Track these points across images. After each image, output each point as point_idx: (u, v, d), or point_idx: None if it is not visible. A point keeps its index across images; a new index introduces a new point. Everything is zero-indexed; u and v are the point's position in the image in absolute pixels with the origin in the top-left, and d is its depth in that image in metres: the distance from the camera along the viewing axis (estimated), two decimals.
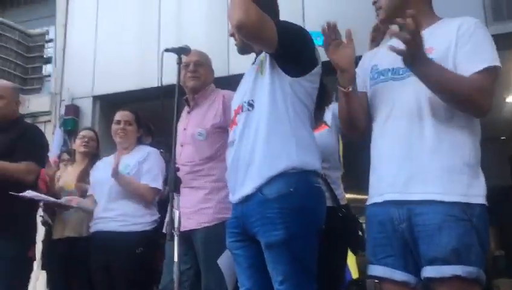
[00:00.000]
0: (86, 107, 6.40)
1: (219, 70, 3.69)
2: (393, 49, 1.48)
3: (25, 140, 2.89)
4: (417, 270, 1.56)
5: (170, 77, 2.14)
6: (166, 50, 2.13)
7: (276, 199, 1.75)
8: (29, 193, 2.82)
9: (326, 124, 2.56)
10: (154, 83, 6.09)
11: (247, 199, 1.82)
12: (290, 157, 1.78)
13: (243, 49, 2.06)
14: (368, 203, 1.71)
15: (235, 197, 1.90)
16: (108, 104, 6.50)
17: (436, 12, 1.77)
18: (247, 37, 1.84)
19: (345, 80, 1.70)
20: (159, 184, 3.04)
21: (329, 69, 1.86)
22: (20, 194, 2.77)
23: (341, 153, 3.32)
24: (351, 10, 4.98)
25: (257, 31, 1.77)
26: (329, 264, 2.09)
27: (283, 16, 2.06)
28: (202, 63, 2.64)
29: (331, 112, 2.57)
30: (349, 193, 3.69)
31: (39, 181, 3.14)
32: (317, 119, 2.21)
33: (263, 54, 1.92)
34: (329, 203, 2.22)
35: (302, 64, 1.87)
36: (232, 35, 2.06)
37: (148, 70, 6.15)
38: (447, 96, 1.56)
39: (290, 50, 1.82)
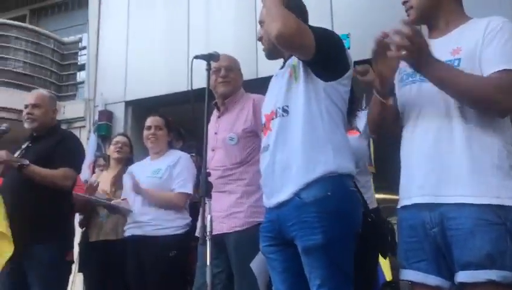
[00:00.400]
0: (119, 112, 6.55)
1: (248, 73, 3.71)
2: (394, 55, 1.48)
3: (63, 147, 2.98)
4: (450, 274, 1.54)
5: (200, 81, 2.17)
6: (196, 57, 2.15)
7: (314, 202, 1.75)
8: (84, 195, 2.92)
9: (357, 130, 2.55)
10: (184, 87, 6.17)
11: (283, 203, 1.83)
12: (327, 162, 1.79)
13: (271, 55, 2.07)
14: (398, 206, 1.71)
15: (271, 202, 1.91)
16: (140, 108, 6.63)
17: (466, 12, 1.75)
18: (286, 48, 1.85)
19: (384, 90, 1.69)
20: (188, 189, 3.08)
21: None
22: (79, 193, 2.85)
23: (372, 155, 3.31)
24: (378, 9, 4.95)
25: (296, 41, 1.77)
26: (361, 268, 2.08)
27: (311, 14, 2.07)
28: (232, 68, 2.66)
29: (363, 120, 2.56)
30: (381, 193, 3.68)
31: (76, 187, 3.23)
32: (348, 123, 2.21)
33: (294, 59, 1.92)
34: None
35: (336, 69, 1.87)
36: (260, 39, 2.07)
37: (178, 74, 6.24)
38: (462, 97, 1.54)
39: (326, 57, 1.82)
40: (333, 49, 1.86)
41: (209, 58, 2.20)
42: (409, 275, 1.63)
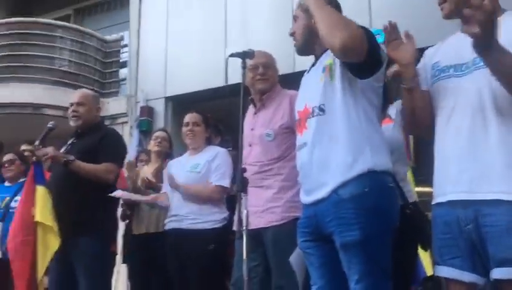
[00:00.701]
0: (159, 107, 6.71)
1: (285, 67, 3.72)
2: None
3: (105, 143, 3.10)
4: (485, 271, 1.54)
5: (236, 76, 2.20)
6: (231, 55, 2.20)
7: (351, 199, 1.77)
8: (118, 193, 3.05)
9: (390, 118, 2.53)
10: (222, 83, 6.25)
11: (321, 200, 1.86)
12: (365, 160, 1.81)
13: (302, 51, 2.09)
14: (432, 202, 1.70)
15: (308, 198, 1.94)
16: (179, 104, 6.77)
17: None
18: (348, 58, 1.82)
19: (407, 77, 1.70)
20: (226, 182, 3.14)
21: None
22: (112, 193, 3.01)
23: (412, 147, 3.26)
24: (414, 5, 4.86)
25: (359, 50, 1.77)
26: (399, 262, 2.08)
27: (349, 8, 2.06)
28: (270, 65, 2.68)
29: (395, 108, 2.53)
30: (420, 186, 3.63)
31: (119, 180, 3.36)
32: (381, 113, 2.19)
33: (328, 58, 1.92)
34: None
35: (372, 66, 1.87)
36: (292, 34, 2.08)
37: (216, 70, 6.31)
38: None
39: (373, 58, 1.83)
40: (374, 49, 1.85)
41: (244, 56, 2.24)
42: (444, 271, 1.63)
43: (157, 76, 6.76)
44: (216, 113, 5.28)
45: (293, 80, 2.68)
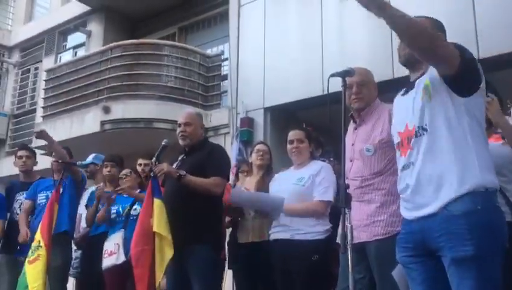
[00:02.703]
0: (259, 118, 6.93)
1: (383, 75, 3.70)
2: None
3: (213, 158, 3.36)
4: None
5: (333, 85, 2.24)
6: (332, 75, 2.25)
7: (463, 215, 1.79)
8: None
9: (500, 135, 2.44)
10: (318, 92, 6.32)
11: (430, 215, 1.89)
12: (475, 177, 1.83)
13: (407, 64, 2.12)
14: None
15: (413, 214, 1.96)
16: (277, 113, 6.94)
17: None
18: (427, 58, 1.90)
19: None
20: (330, 197, 3.22)
21: None
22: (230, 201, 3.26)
23: None
24: None
25: (439, 51, 1.85)
26: (509, 285, 2.01)
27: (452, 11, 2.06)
28: (365, 83, 2.70)
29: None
30: None
31: (225, 192, 3.57)
32: (487, 129, 2.15)
33: (426, 78, 1.96)
34: (508, 218, 2.15)
35: (473, 83, 1.88)
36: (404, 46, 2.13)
37: (313, 80, 6.40)
38: None
39: (469, 70, 1.85)
40: (472, 62, 1.87)
41: (345, 74, 2.28)
42: None
43: (256, 87, 6.98)
44: (314, 122, 5.37)
45: (392, 87, 2.68)
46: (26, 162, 4.75)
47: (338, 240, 2.60)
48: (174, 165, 3.40)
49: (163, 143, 3.43)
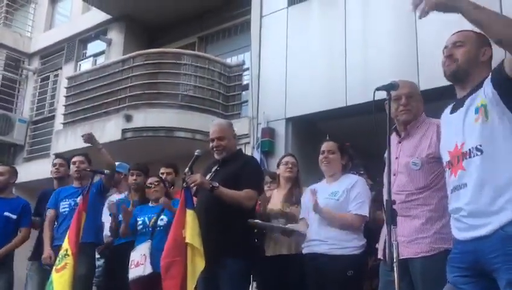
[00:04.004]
0: (280, 128, 6.88)
1: None
2: None
3: (246, 171, 3.34)
4: None
5: (355, 96, 2.21)
6: (378, 89, 2.22)
7: None
8: (258, 222, 3.28)
9: None
10: (341, 103, 6.29)
11: (485, 236, 1.86)
12: None
13: (456, 77, 2.09)
14: None
15: (467, 235, 1.93)
16: (299, 124, 6.91)
17: None
18: None
19: None
20: (365, 211, 3.19)
21: None
22: (254, 221, 3.26)
23: None
24: None
25: None
26: None
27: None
28: (413, 95, 2.66)
29: None
30: None
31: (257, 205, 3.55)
32: None
33: (481, 97, 1.92)
34: None
35: None
36: (448, 57, 2.09)
37: (336, 89, 6.38)
38: None
39: None
40: None
41: (390, 88, 2.27)
42: None
43: (277, 97, 6.96)
44: (337, 134, 5.33)
45: None
46: (59, 169, 4.88)
47: (380, 255, 2.58)
48: (208, 176, 3.38)
49: (196, 153, 3.41)
